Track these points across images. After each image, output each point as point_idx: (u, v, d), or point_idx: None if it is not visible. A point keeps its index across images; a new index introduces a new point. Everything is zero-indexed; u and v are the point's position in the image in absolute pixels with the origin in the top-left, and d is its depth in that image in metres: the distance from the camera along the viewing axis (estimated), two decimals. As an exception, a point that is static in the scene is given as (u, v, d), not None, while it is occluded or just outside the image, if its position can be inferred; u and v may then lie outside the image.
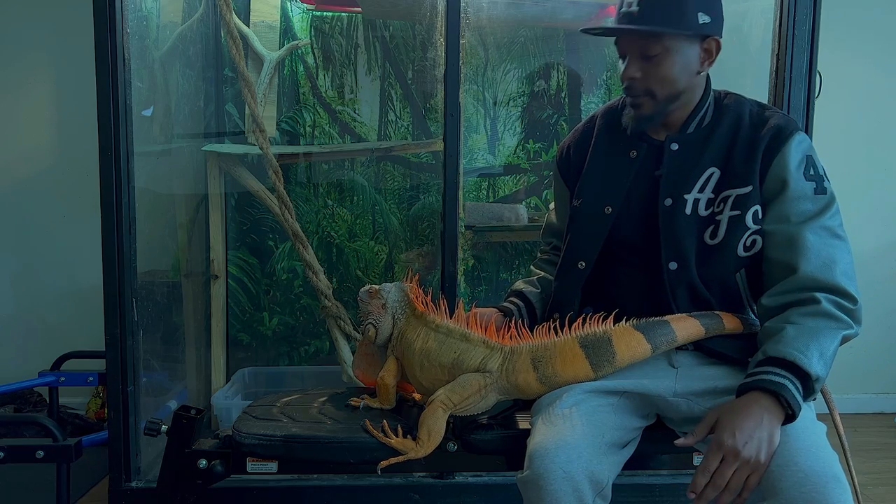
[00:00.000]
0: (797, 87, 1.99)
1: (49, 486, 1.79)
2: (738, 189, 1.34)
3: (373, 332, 1.45)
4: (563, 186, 1.57)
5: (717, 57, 1.38)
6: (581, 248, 1.47)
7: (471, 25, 2.60)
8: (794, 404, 1.17)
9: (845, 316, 1.25)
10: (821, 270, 1.28)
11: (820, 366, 1.20)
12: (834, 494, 1.10)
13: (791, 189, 1.32)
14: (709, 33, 1.35)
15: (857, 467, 2.57)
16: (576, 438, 1.20)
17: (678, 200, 1.37)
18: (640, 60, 1.35)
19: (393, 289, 1.46)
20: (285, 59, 2.81)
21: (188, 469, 1.42)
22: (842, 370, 3.08)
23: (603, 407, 1.29)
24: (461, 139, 2.11)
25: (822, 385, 1.23)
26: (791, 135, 1.34)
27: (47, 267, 3.03)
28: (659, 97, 1.36)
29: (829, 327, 1.24)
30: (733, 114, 1.40)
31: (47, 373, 2.54)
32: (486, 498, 2.15)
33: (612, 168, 1.46)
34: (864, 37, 3.06)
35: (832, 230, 1.32)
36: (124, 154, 2.01)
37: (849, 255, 1.31)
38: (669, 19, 1.32)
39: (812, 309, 1.26)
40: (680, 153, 1.39)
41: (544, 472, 1.17)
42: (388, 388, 1.44)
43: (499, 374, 1.34)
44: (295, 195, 2.81)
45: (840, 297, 1.26)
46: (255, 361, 2.87)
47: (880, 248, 3.18)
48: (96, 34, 1.96)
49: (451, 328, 1.39)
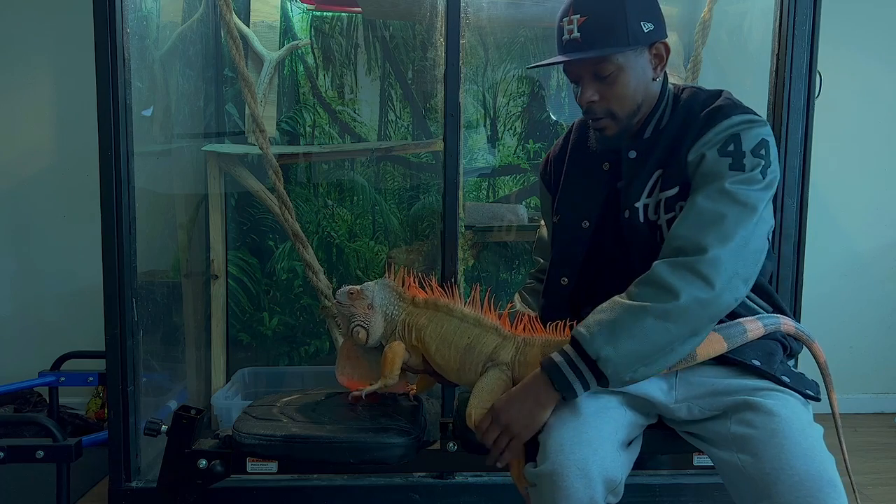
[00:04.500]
0: (797, 87, 1.99)
1: (49, 486, 1.79)
2: (668, 192, 1.32)
3: (363, 334, 1.41)
4: (548, 200, 1.57)
5: (668, 58, 1.37)
6: (563, 264, 1.46)
7: (471, 25, 2.60)
8: (561, 386, 1.21)
9: (674, 281, 1.18)
10: (690, 229, 1.22)
11: (608, 347, 1.17)
12: (829, 499, 1.10)
13: (703, 163, 1.27)
14: (655, 39, 1.34)
15: (857, 467, 2.58)
16: (590, 435, 1.20)
17: (632, 210, 1.36)
18: (594, 83, 1.34)
19: (376, 287, 1.43)
20: (285, 59, 2.81)
21: (188, 469, 1.42)
22: (842, 370, 3.09)
23: (612, 404, 1.28)
24: (461, 139, 2.11)
25: (615, 366, 1.18)
26: (723, 117, 1.29)
27: (47, 267, 3.03)
28: (620, 116, 1.35)
29: (640, 300, 1.19)
30: (684, 109, 1.37)
31: (47, 373, 2.54)
32: (486, 498, 2.15)
33: (587, 182, 1.45)
34: (865, 37, 3.06)
35: (730, 193, 1.22)
36: (124, 154, 2.01)
37: (742, 219, 1.21)
38: (615, 38, 1.30)
39: (640, 278, 1.23)
40: (636, 160, 1.38)
41: (560, 468, 1.16)
42: (396, 357, 1.40)
43: (511, 364, 1.33)
44: (295, 195, 2.82)
45: (689, 253, 1.19)
46: (255, 361, 2.87)
47: (880, 248, 3.18)
48: (96, 34, 1.96)
49: (465, 313, 1.38)
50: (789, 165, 1.99)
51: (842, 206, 3.12)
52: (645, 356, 1.19)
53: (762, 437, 1.16)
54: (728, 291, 1.20)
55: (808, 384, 1.31)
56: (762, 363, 1.29)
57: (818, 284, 2.83)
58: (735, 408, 1.22)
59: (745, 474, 1.16)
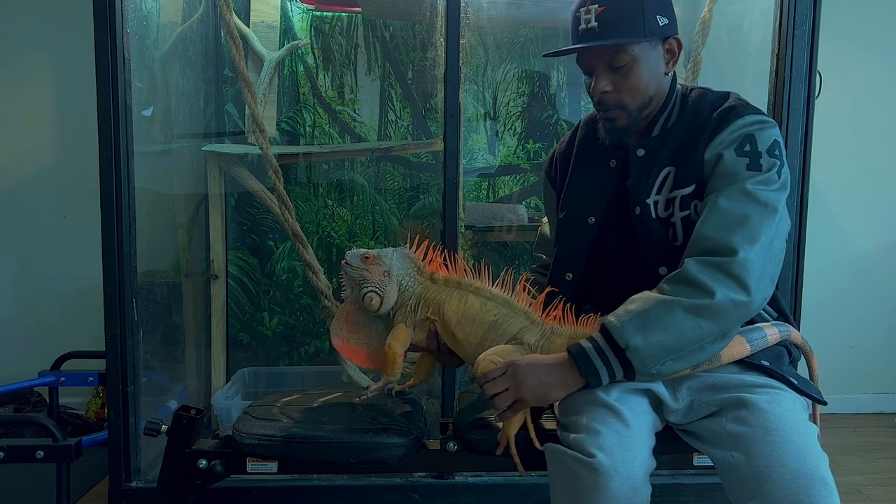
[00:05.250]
0: (797, 87, 1.99)
1: (49, 486, 1.79)
2: (683, 189, 1.33)
3: (377, 301, 1.38)
4: (552, 197, 1.57)
5: (679, 55, 1.38)
6: (567, 260, 1.47)
7: (471, 25, 2.59)
8: (588, 372, 1.21)
9: (707, 280, 1.19)
10: (716, 230, 1.23)
11: (637, 336, 1.18)
12: (820, 497, 1.10)
13: (720, 164, 1.28)
14: (669, 34, 1.35)
15: (857, 467, 2.58)
16: (632, 440, 1.19)
17: (644, 207, 1.36)
18: (608, 73, 1.34)
19: (395, 255, 1.40)
20: (285, 59, 2.81)
21: (188, 469, 1.42)
22: (842, 370, 3.11)
23: (644, 408, 1.28)
24: (461, 139, 2.11)
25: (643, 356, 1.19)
26: (736, 117, 1.30)
27: (47, 267, 3.03)
28: (631, 108, 1.36)
29: (672, 295, 1.20)
30: (692, 109, 1.38)
31: (47, 373, 2.54)
32: (486, 498, 2.15)
33: (593, 178, 1.46)
34: (865, 36, 3.05)
35: (751, 194, 1.24)
36: (124, 154, 2.01)
37: (765, 219, 1.22)
38: (632, 28, 1.31)
39: (672, 275, 1.24)
40: (645, 158, 1.39)
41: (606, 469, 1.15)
42: (397, 356, 1.39)
43: (534, 348, 1.33)
44: (295, 195, 2.82)
45: (719, 254, 1.20)
46: (255, 361, 2.87)
47: (880, 248, 3.18)
48: (96, 34, 1.96)
49: (493, 293, 1.38)
50: (789, 165, 1.97)
51: (842, 206, 3.12)
52: (674, 350, 1.20)
53: (755, 435, 1.16)
54: (759, 292, 1.21)
55: (813, 388, 1.32)
56: (771, 363, 1.30)
57: (818, 284, 2.82)
58: (730, 405, 1.23)
59: (739, 472, 1.16)
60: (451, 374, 2.13)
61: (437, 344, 1.42)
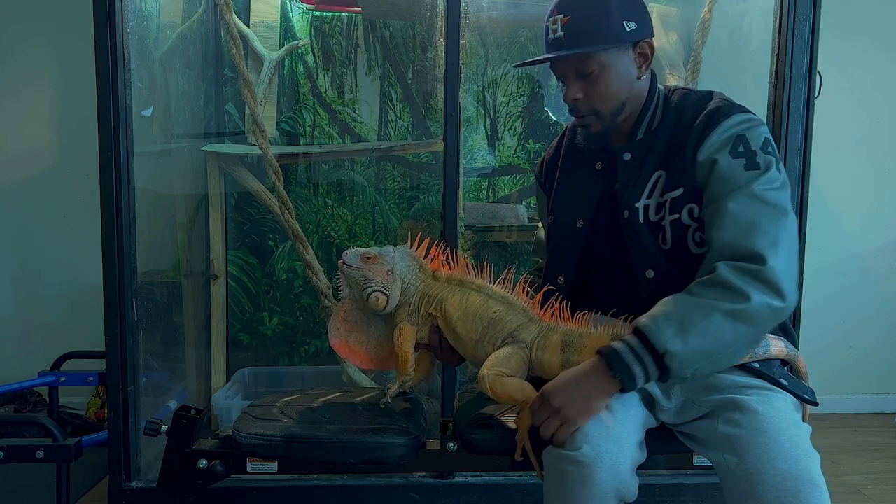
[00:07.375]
0: (797, 87, 1.99)
1: (49, 486, 1.79)
2: (672, 192, 1.33)
3: (383, 300, 1.38)
4: (545, 202, 1.58)
5: (653, 58, 1.38)
6: (558, 264, 1.47)
7: (471, 25, 2.59)
8: (622, 374, 1.19)
9: (743, 284, 1.18)
10: (734, 236, 1.22)
11: (676, 341, 1.17)
12: (811, 499, 1.10)
13: (717, 168, 1.28)
14: (639, 38, 1.35)
15: (857, 467, 2.58)
16: (618, 431, 1.20)
17: (632, 210, 1.36)
18: (578, 81, 1.36)
19: (397, 254, 1.41)
20: (285, 59, 2.81)
21: (188, 469, 1.42)
22: (842, 370, 3.11)
23: (634, 401, 1.28)
24: (461, 139, 2.11)
25: (681, 361, 1.18)
26: (723, 117, 1.30)
27: (47, 267, 3.04)
28: (604, 113, 1.37)
29: (709, 299, 1.19)
30: (675, 110, 1.38)
31: (47, 373, 2.54)
32: (486, 498, 2.15)
33: (581, 182, 1.47)
34: (865, 36, 3.06)
35: (759, 196, 1.24)
36: (124, 154, 2.01)
37: (778, 220, 1.23)
38: (596, 36, 1.32)
39: (703, 280, 1.23)
40: (631, 161, 1.39)
41: (589, 461, 1.16)
42: (409, 356, 1.40)
43: (529, 345, 1.34)
44: (295, 195, 2.82)
45: (747, 261, 1.20)
46: (255, 361, 2.87)
47: (880, 248, 3.18)
48: (96, 34, 1.96)
49: (494, 290, 1.38)
50: (789, 165, 1.99)
51: (842, 206, 3.12)
52: (710, 354, 1.19)
53: (747, 437, 1.16)
54: (792, 295, 1.21)
55: (805, 389, 1.32)
56: (762, 365, 1.30)
57: (819, 284, 2.82)
58: (723, 407, 1.23)
59: (733, 475, 1.16)
60: (451, 374, 2.13)
61: (439, 340, 1.42)
